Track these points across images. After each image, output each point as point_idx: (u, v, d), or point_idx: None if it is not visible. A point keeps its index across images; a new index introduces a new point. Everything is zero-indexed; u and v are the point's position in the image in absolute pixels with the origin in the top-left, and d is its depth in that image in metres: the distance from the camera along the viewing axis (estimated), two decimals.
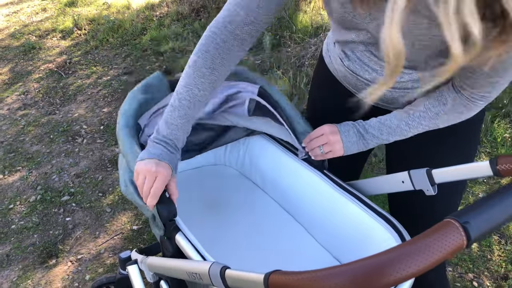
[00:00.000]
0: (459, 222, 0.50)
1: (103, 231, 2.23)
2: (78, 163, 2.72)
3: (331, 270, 0.51)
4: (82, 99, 3.42)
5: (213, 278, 0.74)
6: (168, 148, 0.98)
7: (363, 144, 1.07)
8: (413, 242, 0.49)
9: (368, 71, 1.04)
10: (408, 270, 0.48)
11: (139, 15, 4.77)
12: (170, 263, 0.93)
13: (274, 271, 0.57)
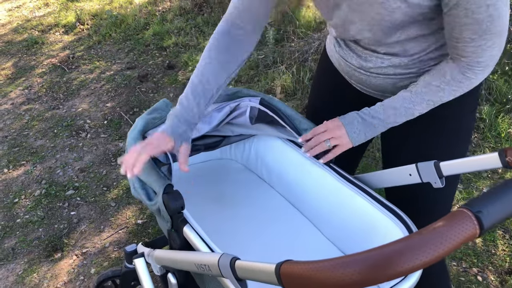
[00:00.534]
0: (471, 211, 0.50)
1: (108, 225, 2.24)
2: (82, 157, 2.73)
3: (344, 259, 0.51)
4: (86, 94, 3.42)
5: (223, 269, 0.74)
6: (176, 120, 1.06)
7: (371, 130, 1.07)
8: (426, 231, 0.50)
9: (353, 56, 1.11)
10: (421, 259, 0.48)
11: (142, 10, 4.76)
12: (178, 256, 0.93)
13: (286, 260, 0.58)
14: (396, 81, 1.08)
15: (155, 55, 3.90)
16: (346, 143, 1.09)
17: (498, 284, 1.89)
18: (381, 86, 1.11)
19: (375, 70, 1.08)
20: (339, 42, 1.16)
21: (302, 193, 1.31)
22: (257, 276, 0.65)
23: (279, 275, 0.57)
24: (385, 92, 1.13)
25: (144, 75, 3.56)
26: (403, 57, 1.02)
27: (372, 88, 1.15)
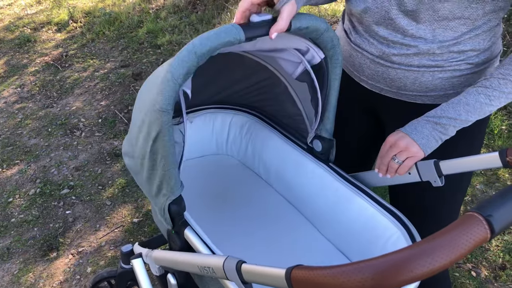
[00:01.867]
0: (482, 216, 0.51)
1: (103, 224, 2.23)
2: (77, 156, 2.71)
3: (357, 265, 0.51)
4: (79, 92, 3.40)
5: (228, 272, 0.74)
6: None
7: (441, 132, 0.97)
8: (438, 237, 0.50)
9: (373, 43, 1.05)
10: (434, 264, 0.48)
11: (135, 8, 4.73)
12: (180, 257, 0.93)
13: (296, 266, 0.57)
14: (417, 75, 1.03)
15: (149, 53, 3.88)
16: (416, 152, 0.98)
17: (492, 279, 1.91)
18: (399, 81, 1.06)
19: (398, 58, 1.03)
20: (356, 29, 1.09)
21: (301, 192, 1.31)
22: (265, 280, 0.65)
23: (289, 280, 0.57)
24: (401, 89, 1.08)
25: (138, 73, 3.54)
26: (431, 43, 0.98)
27: (388, 84, 1.09)
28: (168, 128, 0.88)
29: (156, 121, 0.88)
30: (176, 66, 0.84)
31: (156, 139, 0.90)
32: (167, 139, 0.89)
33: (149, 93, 0.98)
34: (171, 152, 0.90)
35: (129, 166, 1.14)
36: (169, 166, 0.92)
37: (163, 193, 0.97)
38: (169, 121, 0.87)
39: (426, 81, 1.04)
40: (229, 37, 0.86)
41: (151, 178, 0.99)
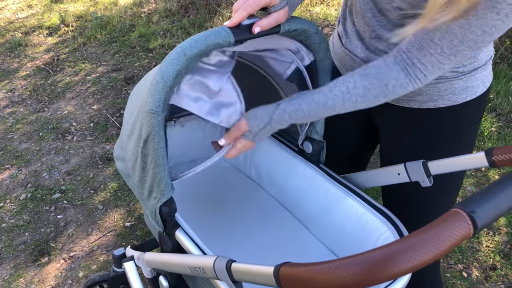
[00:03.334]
0: (465, 211, 0.52)
1: (95, 228, 2.22)
2: (69, 160, 2.70)
3: (344, 260, 0.52)
4: (71, 96, 3.38)
5: (219, 271, 0.74)
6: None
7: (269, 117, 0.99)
8: (422, 232, 0.51)
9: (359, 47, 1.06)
10: (419, 259, 0.49)
11: (127, 12, 4.73)
12: (171, 259, 0.93)
13: (284, 263, 0.58)
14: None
15: (141, 57, 3.88)
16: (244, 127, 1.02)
17: (483, 279, 1.93)
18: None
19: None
20: (347, 33, 1.11)
21: (292, 194, 1.32)
22: (254, 279, 0.66)
23: (278, 277, 0.58)
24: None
25: (130, 77, 3.54)
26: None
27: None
28: (159, 130, 0.88)
29: (146, 123, 0.89)
30: (165, 68, 0.85)
31: (146, 141, 0.91)
32: (157, 141, 0.89)
33: (139, 95, 0.98)
34: (162, 154, 0.91)
35: (120, 170, 1.14)
36: (160, 169, 0.92)
37: (154, 196, 0.98)
38: (160, 123, 0.88)
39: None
40: (218, 39, 0.86)
41: (142, 181, 0.99)
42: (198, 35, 0.87)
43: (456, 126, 1.08)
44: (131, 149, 1.00)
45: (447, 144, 1.10)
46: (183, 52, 0.85)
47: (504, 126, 2.91)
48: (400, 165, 1.02)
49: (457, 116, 1.06)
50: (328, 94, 0.91)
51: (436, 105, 1.04)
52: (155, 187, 0.96)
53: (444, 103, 1.04)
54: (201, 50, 0.86)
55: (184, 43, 0.86)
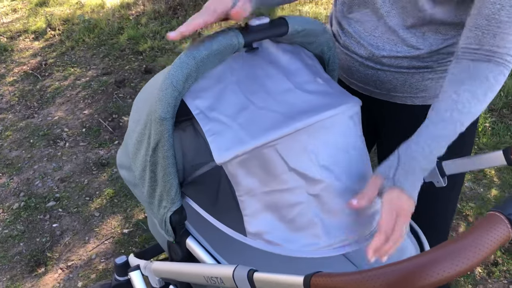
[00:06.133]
0: (504, 215, 0.50)
1: (93, 236, 2.17)
2: (62, 167, 2.65)
3: (381, 269, 0.50)
4: (61, 102, 3.32)
5: (239, 281, 0.72)
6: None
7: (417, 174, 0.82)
8: (462, 238, 0.49)
9: (363, 45, 1.04)
10: (461, 266, 0.48)
11: (115, 14, 4.67)
12: (184, 268, 0.91)
13: (316, 273, 0.56)
14: (407, 77, 1.03)
15: (131, 59, 3.83)
16: (411, 207, 0.81)
17: (486, 276, 1.93)
18: (389, 83, 1.06)
19: (388, 60, 1.02)
20: (345, 32, 1.09)
21: None
22: None
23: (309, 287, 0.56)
24: (391, 91, 1.08)
25: (121, 80, 3.49)
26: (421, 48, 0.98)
27: (378, 86, 1.09)
28: (168, 138, 0.86)
29: (155, 130, 0.86)
30: (174, 72, 0.82)
31: (155, 149, 0.88)
32: (167, 148, 0.87)
33: (146, 101, 0.95)
34: (172, 162, 0.88)
35: (125, 179, 1.11)
36: (169, 177, 0.90)
37: (164, 205, 0.95)
38: (169, 130, 0.85)
39: (415, 82, 1.04)
40: (228, 41, 0.84)
41: (151, 191, 0.97)
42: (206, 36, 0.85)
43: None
44: (139, 158, 0.97)
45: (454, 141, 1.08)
46: (192, 55, 0.82)
47: (498, 121, 2.93)
48: None
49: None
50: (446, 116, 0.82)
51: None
52: (165, 196, 0.93)
53: None
54: (211, 52, 0.83)
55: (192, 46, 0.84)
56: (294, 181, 0.81)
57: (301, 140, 0.81)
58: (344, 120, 0.86)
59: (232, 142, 0.81)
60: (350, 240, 0.83)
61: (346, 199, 0.84)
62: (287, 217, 0.83)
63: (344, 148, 0.85)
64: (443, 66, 1.02)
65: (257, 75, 0.91)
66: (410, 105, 1.09)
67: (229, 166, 0.82)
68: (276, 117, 0.83)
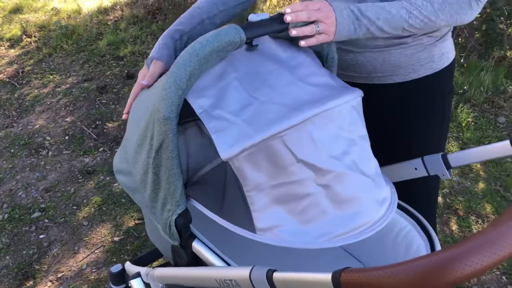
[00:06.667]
0: None
1: (82, 246, 2.12)
2: (46, 176, 2.58)
3: (414, 262, 0.49)
4: (41, 110, 3.24)
5: (257, 283, 0.70)
6: (162, 42, 1.10)
7: (354, 29, 0.94)
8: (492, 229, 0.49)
9: None
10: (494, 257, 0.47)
11: (93, 20, 4.59)
12: (194, 272, 0.88)
13: (344, 269, 0.55)
14: (385, 55, 1.08)
15: (112, 65, 3.77)
16: (331, 33, 0.92)
17: None
18: (369, 64, 1.11)
19: (365, 41, 1.07)
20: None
21: None
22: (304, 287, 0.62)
23: (339, 284, 0.54)
24: (371, 72, 1.12)
25: (103, 86, 3.42)
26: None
27: (357, 70, 1.13)
28: (172, 138, 0.83)
29: (158, 130, 0.84)
30: (177, 71, 0.80)
31: (159, 150, 0.86)
32: (172, 149, 0.84)
33: (146, 103, 0.93)
34: (176, 163, 0.86)
35: (124, 184, 1.08)
36: (174, 178, 0.87)
37: (168, 208, 0.92)
38: (173, 130, 0.83)
39: (393, 60, 1.10)
40: (229, 37, 0.82)
41: (154, 195, 0.94)
42: (208, 34, 0.83)
43: (439, 94, 1.15)
44: (141, 161, 0.94)
45: (434, 114, 1.16)
46: (195, 53, 0.80)
47: (480, 116, 2.99)
48: (417, 160, 1.01)
49: (438, 83, 1.12)
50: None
51: (419, 75, 1.11)
52: (169, 199, 0.90)
53: (426, 72, 1.11)
54: (213, 49, 0.81)
55: (194, 44, 0.82)
56: (303, 172, 0.80)
57: (308, 130, 0.80)
58: (348, 110, 0.86)
59: (237, 137, 0.80)
60: (364, 227, 0.82)
61: (356, 187, 0.83)
62: (297, 209, 0.81)
63: (351, 137, 0.85)
64: (418, 40, 1.08)
65: (258, 72, 0.90)
66: (390, 83, 1.14)
67: (235, 161, 0.80)
68: (280, 109, 0.82)
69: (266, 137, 0.78)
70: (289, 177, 0.80)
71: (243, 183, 0.82)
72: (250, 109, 0.83)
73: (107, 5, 4.97)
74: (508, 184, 2.40)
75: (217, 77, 0.87)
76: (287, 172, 0.80)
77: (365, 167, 0.86)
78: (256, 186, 0.81)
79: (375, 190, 0.86)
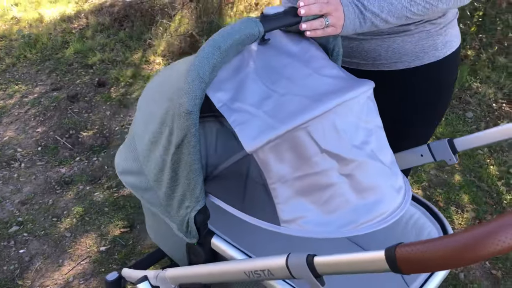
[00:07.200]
0: None
1: (67, 258, 2.04)
2: (21, 189, 2.47)
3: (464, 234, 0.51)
4: (9, 121, 3.11)
5: (295, 269, 0.71)
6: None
7: (359, 23, 0.97)
8: None
9: None
10: None
11: (56, 28, 4.46)
12: (217, 268, 0.88)
13: (398, 244, 0.56)
14: (389, 42, 1.12)
15: (81, 73, 3.67)
16: (338, 27, 0.95)
17: None
18: (374, 51, 1.14)
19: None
20: None
21: None
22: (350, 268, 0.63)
23: (395, 260, 0.55)
24: (376, 59, 1.16)
25: (74, 95, 3.33)
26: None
27: (363, 57, 1.17)
28: (195, 132, 0.83)
29: (180, 126, 0.83)
30: (200, 64, 0.80)
31: (180, 145, 0.85)
32: (194, 144, 0.84)
33: (159, 98, 0.92)
34: (197, 158, 0.85)
35: (132, 185, 1.05)
36: (195, 174, 0.87)
37: (186, 205, 0.91)
38: (196, 124, 0.82)
39: (397, 47, 1.13)
40: (249, 29, 0.83)
41: (170, 192, 0.92)
42: (227, 27, 0.84)
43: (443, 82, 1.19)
44: (154, 160, 0.93)
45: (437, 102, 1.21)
46: (217, 45, 0.80)
47: (449, 112, 3.12)
48: (423, 147, 1.04)
49: (442, 71, 1.16)
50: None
51: (422, 62, 1.15)
52: (188, 195, 0.89)
53: (429, 59, 1.15)
54: (234, 41, 0.82)
55: (215, 36, 0.82)
56: (326, 162, 0.82)
57: (331, 121, 0.82)
58: (365, 100, 0.88)
59: (261, 129, 0.81)
60: (384, 215, 0.85)
61: (376, 175, 0.85)
62: (321, 200, 0.82)
63: (369, 127, 0.87)
64: (421, 27, 1.12)
65: (273, 65, 0.91)
66: (394, 70, 1.17)
67: (260, 153, 0.81)
68: (302, 101, 0.83)
69: (291, 128, 0.79)
70: (313, 167, 0.81)
71: (267, 176, 0.82)
72: (270, 101, 0.84)
73: (70, 13, 4.84)
74: (481, 175, 2.51)
75: (233, 71, 0.88)
76: (311, 162, 0.81)
77: (382, 156, 0.88)
78: (280, 178, 0.82)
79: (392, 178, 0.89)
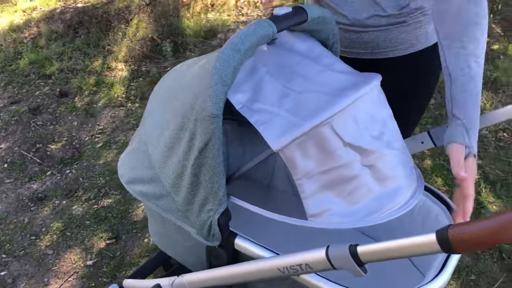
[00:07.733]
0: None
1: (52, 276, 1.97)
2: None
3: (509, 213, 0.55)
4: None
5: (336, 260, 0.73)
6: None
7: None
8: None
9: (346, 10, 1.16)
10: None
11: (6, 39, 4.25)
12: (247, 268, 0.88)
13: (449, 226, 0.60)
14: (387, 33, 1.19)
15: (40, 84, 3.53)
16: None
17: None
18: (372, 42, 1.21)
19: (369, 21, 1.16)
20: (322, 2, 1.21)
21: None
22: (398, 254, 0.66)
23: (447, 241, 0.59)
24: (375, 48, 1.22)
25: (36, 107, 3.19)
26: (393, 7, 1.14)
27: (363, 47, 1.23)
28: (219, 135, 0.83)
29: (204, 129, 0.83)
30: (222, 67, 0.80)
31: (203, 149, 0.85)
32: (218, 147, 0.84)
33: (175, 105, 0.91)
34: (221, 161, 0.86)
35: (143, 193, 1.04)
36: (218, 176, 0.87)
37: (209, 208, 0.91)
38: (220, 127, 0.83)
39: (394, 37, 1.21)
40: (264, 30, 0.85)
41: (190, 197, 0.92)
42: (242, 30, 0.85)
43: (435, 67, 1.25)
44: (172, 165, 0.92)
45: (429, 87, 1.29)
46: (236, 48, 0.81)
47: None
48: (423, 134, 1.09)
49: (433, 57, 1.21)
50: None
51: (415, 49, 1.23)
52: (211, 198, 0.90)
53: (422, 46, 1.23)
54: (253, 43, 0.83)
55: (233, 39, 0.83)
56: (349, 155, 0.85)
57: (352, 114, 0.85)
58: (377, 94, 0.92)
59: (285, 128, 0.82)
60: (402, 202, 0.89)
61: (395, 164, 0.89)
62: (345, 192, 0.85)
63: (384, 118, 0.91)
64: (415, 19, 1.19)
65: (285, 64, 0.93)
66: (391, 57, 1.25)
67: (286, 151, 0.82)
68: (322, 97, 0.86)
69: (316, 125, 0.81)
70: (337, 161, 0.84)
71: (293, 172, 0.84)
72: (288, 100, 0.86)
73: (19, 22, 4.63)
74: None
75: (248, 72, 0.89)
76: (335, 156, 0.84)
77: (397, 144, 0.92)
78: (306, 174, 0.84)
79: (407, 165, 0.93)
